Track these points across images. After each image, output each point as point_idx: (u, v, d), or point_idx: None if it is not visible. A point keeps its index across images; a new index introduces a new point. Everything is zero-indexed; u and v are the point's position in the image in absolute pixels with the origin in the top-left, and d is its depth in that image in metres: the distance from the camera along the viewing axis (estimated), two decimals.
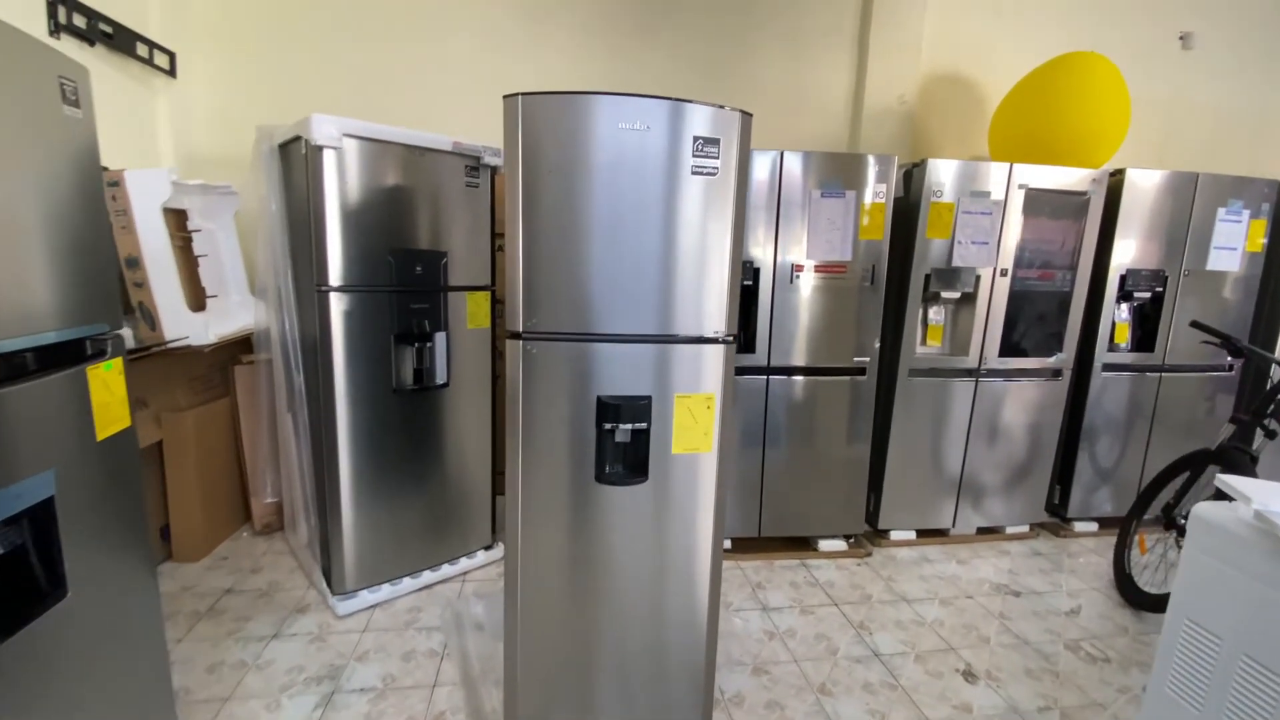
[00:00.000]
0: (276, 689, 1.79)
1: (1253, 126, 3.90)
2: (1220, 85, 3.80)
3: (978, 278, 2.65)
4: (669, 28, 3.21)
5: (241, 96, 3.02)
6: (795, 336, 2.55)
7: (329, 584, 2.23)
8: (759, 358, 2.53)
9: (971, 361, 2.73)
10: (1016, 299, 2.71)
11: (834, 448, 2.65)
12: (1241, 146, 3.90)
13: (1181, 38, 3.74)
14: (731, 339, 1.40)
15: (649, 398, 1.34)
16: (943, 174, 2.55)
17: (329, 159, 1.93)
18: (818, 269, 2.50)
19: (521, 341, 1.31)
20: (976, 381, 2.75)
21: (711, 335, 1.37)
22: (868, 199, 2.47)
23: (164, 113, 2.94)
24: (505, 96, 1.23)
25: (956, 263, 2.61)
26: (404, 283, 2.16)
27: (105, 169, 2.42)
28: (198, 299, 2.77)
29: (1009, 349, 2.75)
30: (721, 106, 1.29)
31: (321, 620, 2.13)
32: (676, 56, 3.22)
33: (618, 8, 3.16)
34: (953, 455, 2.81)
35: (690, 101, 1.26)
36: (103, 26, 2.52)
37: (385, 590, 2.26)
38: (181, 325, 2.35)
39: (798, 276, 2.50)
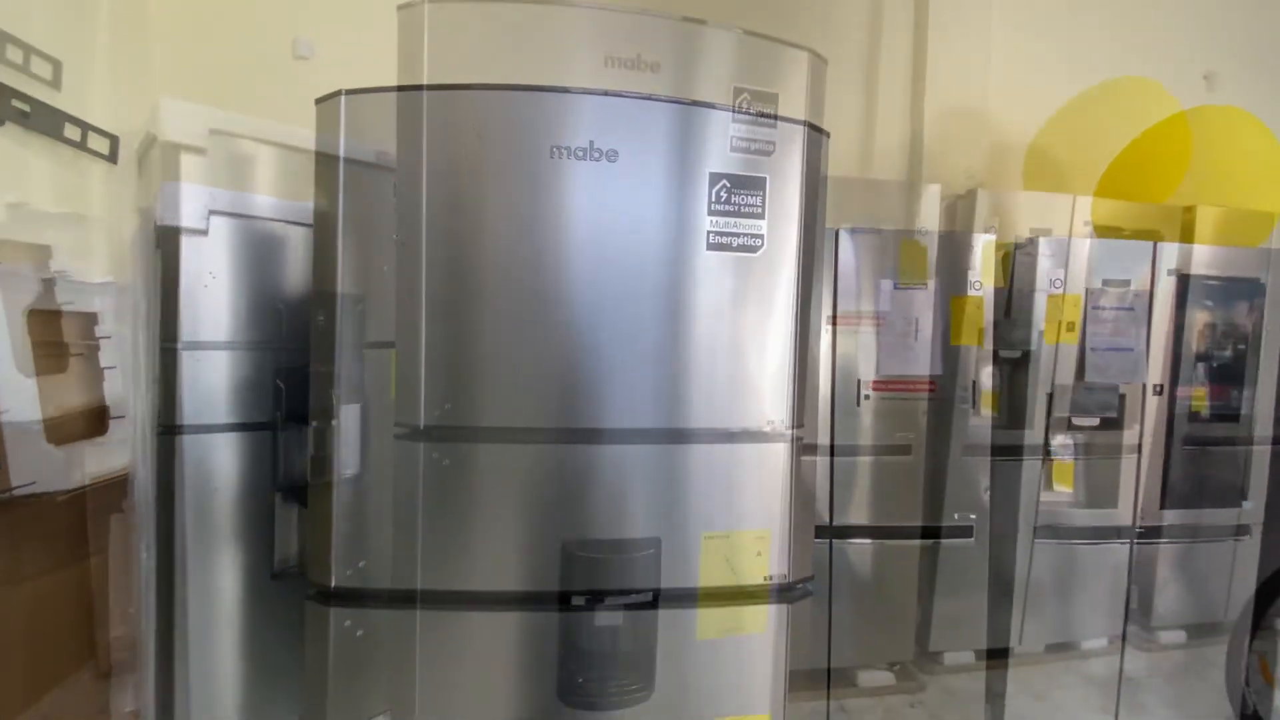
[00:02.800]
0: None
1: None
2: None
3: (1122, 397, 1.91)
4: None
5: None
6: (865, 484, 1.80)
7: None
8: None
9: (1122, 516, 1.92)
10: (1179, 426, 1.94)
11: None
12: None
13: None
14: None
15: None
16: (1060, 255, 1.88)
17: (188, 247, 1.37)
18: (892, 386, 1.80)
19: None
20: (1131, 545, 1.93)
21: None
22: (958, 290, 1.80)
23: (99, 204, 2.54)
24: (318, 100, 0.62)
25: (1091, 376, 1.88)
26: (297, 410, 1.52)
27: None
28: (100, 421, 2.24)
29: (1174, 497, 1.94)
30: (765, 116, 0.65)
31: None
32: None
33: None
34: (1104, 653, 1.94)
35: (694, 103, 0.63)
36: (16, 103, 2.14)
37: None
38: (32, 466, 1.78)
39: (866, 398, 1.79)
